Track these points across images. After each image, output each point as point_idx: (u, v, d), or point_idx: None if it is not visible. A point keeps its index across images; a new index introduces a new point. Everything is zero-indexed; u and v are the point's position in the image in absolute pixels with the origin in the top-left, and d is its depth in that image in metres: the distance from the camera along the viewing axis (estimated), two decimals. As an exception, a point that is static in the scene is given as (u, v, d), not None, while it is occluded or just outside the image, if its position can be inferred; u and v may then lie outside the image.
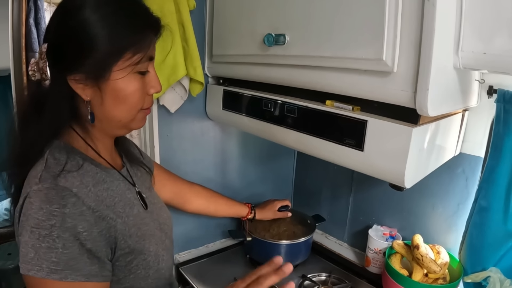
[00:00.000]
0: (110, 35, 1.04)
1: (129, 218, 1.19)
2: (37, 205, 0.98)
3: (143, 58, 1.11)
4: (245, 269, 2.22)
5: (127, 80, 1.10)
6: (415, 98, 1.15)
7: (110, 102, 1.11)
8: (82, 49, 1.04)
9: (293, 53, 1.50)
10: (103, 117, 1.14)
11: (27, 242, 0.97)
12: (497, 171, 1.59)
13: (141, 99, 1.16)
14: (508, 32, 1.11)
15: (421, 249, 1.77)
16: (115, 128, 1.21)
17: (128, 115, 1.16)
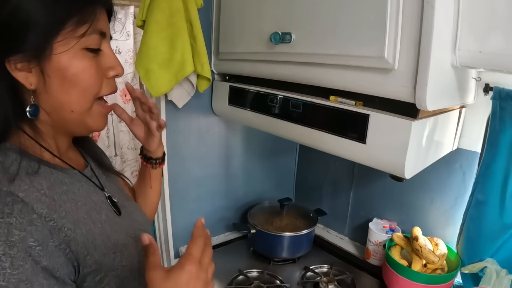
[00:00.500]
0: (45, 4, 0.88)
1: (96, 225, 1.00)
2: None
3: (88, 30, 0.94)
4: (249, 261, 2.26)
5: (73, 56, 0.93)
6: (414, 94, 1.21)
7: (57, 85, 0.94)
8: (21, 27, 0.87)
9: (298, 51, 1.55)
10: (51, 108, 0.97)
11: None
12: (493, 166, 1.64)
13: (95, 82, 1.00)
14: (502, 32, 1.16)
15: (420, 240, 1.82)
16: (70, 124, 1.02)
17: (81, 102, 0.99)
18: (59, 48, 0.91)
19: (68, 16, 0.91)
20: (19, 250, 0.79)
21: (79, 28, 0.93)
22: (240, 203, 2.64)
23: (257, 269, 2.15)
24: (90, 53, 0.97)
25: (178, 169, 2.23)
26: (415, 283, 1.76)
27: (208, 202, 2.41)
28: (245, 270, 2.12)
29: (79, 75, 0.95)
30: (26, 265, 0.79)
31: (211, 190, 2.44)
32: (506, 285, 1.59)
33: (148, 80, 1.81)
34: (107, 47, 1.03)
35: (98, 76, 1.00)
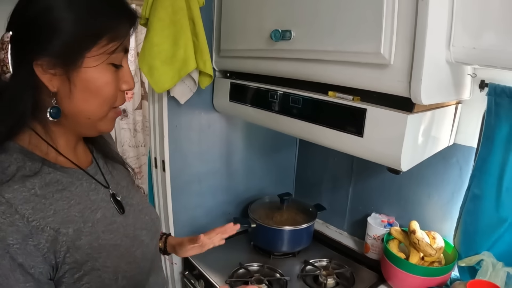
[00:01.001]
0: (85, 17, 0.94)
1: (86, 225, 1.02)
2: None
3: (118, 47, 1.01)
4: (249, 255, 2.30)
5: (100, 71, 0.99)
6: (410, 88, 1.25)
7: (80, 94, 0.98)
8: (53, 31, 0.91)
9: (298, 48, 1.58)
10: (70, 112, 1.01)
11: None
12: (489, 161, 1.68)
13: (114, 95, 1.05)
14: (495, 29, 1.20)
15: (418, 234, 1.85)
16: (82, 127, 1.07)
17: (99, 111, 1.04)
18: (90, 61, 0.96)
19: (103, 30, 0.96)
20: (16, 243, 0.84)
21: (110, 44, 0.98)
22: (241, 198, 2.67)
23: (257, 263, 2.19)
24: (113, 68, 1.03)
25: (180, 164, 2.25)
26: (412, 275, 1.79)
27: (209, 197, 2.44)
28: (246, 264, 2.15)
29: (102, 88, 1.01)
30: (3, 261, 0.83)
31: (212, 185, 2.47)
32: (502, 277, 1.63)
33: (151, 76, 1.84)
34: (126, 62, 1.08)
35: (116, 89, 1.05)
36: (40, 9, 0.90)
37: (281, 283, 2.02)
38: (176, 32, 1.84)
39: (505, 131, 1.62)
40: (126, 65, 1.08)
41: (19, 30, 0.93)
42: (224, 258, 2.22)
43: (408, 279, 1.82)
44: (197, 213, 2.41)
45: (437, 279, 1.79)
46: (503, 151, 1.64)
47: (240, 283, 2.00)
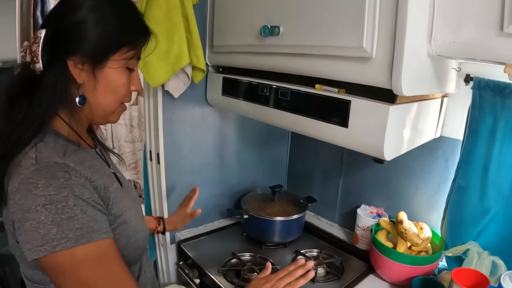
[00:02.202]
0: (110, 31, 1.13)
1: (113, 188, 1.21)
2: (43, 183, 1.00)
3: (135, 55, 1.22)
4: (242, 245, 2.33)
5: (119, 72, 1.19)
6: (391, 80, 1.30)
7: (102, 89, 1.18)
8: (86, 38, 1.10)
9: (286, 43, 1.63)
10: (91, 103, 1.19)
11: (43, 221, 0.98)
12: (474, 153, 1.72)
13: (125, 93, 1.25)
14: (474, 23, 1.23)
15: (405, 224, 1.88)
16: (97, 117, 1.25)
17: (113, 105, 1.24)
18: (112, 63, 1.17)
19: (126, 41, 1.18)
20: (82, 200, 1.05)
21: (129, 52, 1.19)
22: (233, 191, 2.70)
23: (249, 253, 2.22)
24: (128, 71, 1.24)
25: (174, 157, 2.29)
26: (400, 264, 1.82)
27: (202, 189, 2.42)
28: (238, 254, 2.19)
29: (119, 87, 1.22)
30: (89, 210, 1.06)
31: (205, 177, 2.50)
32: (487, 266, 1.66)
33: (147, 71, 1.89)
34: (137, 68, 1.30)
35: (128, 88, 1.26)
36: (75, 21, 1.10)
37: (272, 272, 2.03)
38: (170, 29, 1.89)
39: (489, 124, 1.65)
40: (137, 70, 1.29)
41: (56, 32, 1.11)
42: (217, 248, 2.27)
43: (395, 267, 1.85)
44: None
45: (424, 268, 1.82)
46: (487, 144, 1.67)
47: (232, 272, 2.03)
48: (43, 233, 0.99)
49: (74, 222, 1.01)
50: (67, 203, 1.01)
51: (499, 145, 1.64)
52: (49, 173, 1.02)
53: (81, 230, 1.02)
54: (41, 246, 0.99)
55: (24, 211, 1.00)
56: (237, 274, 2.03)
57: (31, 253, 1.00)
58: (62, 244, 0.99)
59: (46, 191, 1.00)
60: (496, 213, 1.72)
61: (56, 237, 0.99)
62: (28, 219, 0.99)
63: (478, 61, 1.34)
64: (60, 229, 0.99)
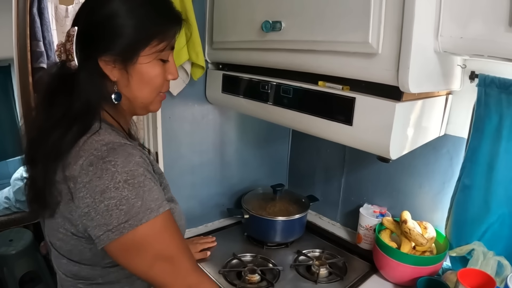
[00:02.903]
0: (140, 24, 1.15)
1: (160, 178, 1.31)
2: (122, 160, 1.05)
3: (166, 47, 1.23)
4: (243, 246, 2.30)
5: (152, 65, 1.20)
6: (397, 76, 1.27)
7: (136, 84, 1.20)
8: (115, 35, 1.13)
9: (288, 38, 1.60)
10: (128, 97, 1.23)
11: (126, 196, 1.02)
12: (479, 151, 1.69)
13: (161, 84, 1.27)
14: (482, 18, 1.21)
15: (409, 223, 1.86)
16: (137, 108, 1.29)
17: (149, 97, 1.26)
18: (143, 59, 1.18)
19: (155, 34, 1.18)
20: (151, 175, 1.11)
21: (160, 45, 1.20)
22: (234, 190, 2.67)
23: (250, 253, 2.19)
24: (162, 62, 1.25)
25: (173, 156, 2.26)
26: (404, 264, 1.80)
27: (203, 189, 2.45)
28: (239, 254, 2.16)
29: (153, 79, 1.23)
30: (157, 183, 1.14)
31: (206, 176, 2.47)
32: (493, 266, 1.63)
33: (144, 68, 1.85)
34: (171, 58, 1.30)
35: (163, 79, 1.27)
36: (105, 15, 1.13)
37: (274, 273, 2.02)
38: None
39: (494, 122, 1.62)
40: (171, 59, 1.30)
41: (86, 29, 1.15)
42: (217, 248, 2.23)
43: (399, 268, 1.82)
44: (190, 205, 2.42)
45: (429, 268, 1.79)
46: (493, 142, 1.64)
47: (233, 273, 2.00)
48: (126, 209, 1.02)
49: (153, 194, 1.08)
50: (146, 177, 1.08)
51: (505, 143, 1.61)
52: (125, 151, 1.08)
53: (158, 200, 1.08)
54: (125, 222, 1.02)
55: (99, 193, 1.02)
56: (238, 275, 2.00)
57: (110, 234, 1.02)
58: (147, 215, 1.04)
59: (126, 168, 1.04)
60: (502, 212, 1.69)
61: (141, 209, 1.04)
62: (105, 199, 1.02)
63: (486, 57, 1.32)
64: (144, 202, 1.05)
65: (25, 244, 3.40)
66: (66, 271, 1.22)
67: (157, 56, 1.21)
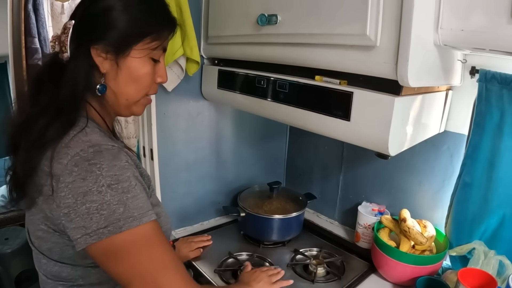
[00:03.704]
0: (135, 19, 1.16)
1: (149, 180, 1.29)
2: (107, 163, 1.02)
3: (159, 46, 1.22)
4: (239, 244, 2.28)
5: (142, 62, 1.20)
6: (396, 70, 1.24)
7: (124, 78, 1.19)
8: (110, 26, 1.13)
9: (284, 32, 1.57)
10: (114, 92, 1.21)
11: (108, 201, 0.99)
12: (480, 148, 1.67)
13: (149, 84, 1.25)
14: (483, 10, 1.18)
15: (408, 222, 1.83)
16: (121, 107, 1.26)
17: (135, 95, 1.24)
18: (135, 53, 1.18)
19: (150, 31, 1.19)
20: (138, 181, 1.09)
21: (153, 42, 1.20)
22: (230, 187, 2.65)
23: (247, 252, 2.17)
24: (153, 62, 1.24)
25: (168, 152, 2.24)
26: (403, 263, 1.77)
27: (198, 186, 2.43)
28: (235, 253, 2.13)
29: (141, 77, 1.22)
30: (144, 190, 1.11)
31: (201, 174, 2.45)
32: (494, 266, 1.61)
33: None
34: (162, 59, 1.29)
35: (152, 80, 1.26)
36: (101, 8, 1.14)
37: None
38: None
39: (496, 118, 1.60)
40: (162, 61, 1.29)
41: (82, 21, 1.16)
42: (213, 247, 2.21)
43: (398, 267, 1.80)
44: (186, 202, 2.40)
45: (428, 268, 1.77)
46: (494, 138, 1.62)
47: (229, 272, 1.98)
48: (106, 214, 0.99)
49: (137, 201, 1.04)
50: (131, 183, 1.05)
51: (506, 139, 1.59)
52: (112, 155, 1.05)
53: (143, 209, 1.05)
54: (103, 228, 0.99)
55: (81, 194, 0.99)
56: (233, 274, 1.98)
57: (88, 238, 0.99)
58: (129, 223, 1.01)
59: (111, 172, 1.02)
60: (503, 211, 1.67)
61: (123, 216, 1.00)
62: (86, 202, 0.99)
63: (487, 51, 1.30)
64: (126, 208, 1.01)
65: (21, 243, 3.37)
66: (46, 272, 1.20)
67: (149, 54, 1.21)
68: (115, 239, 1.00)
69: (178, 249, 2.12)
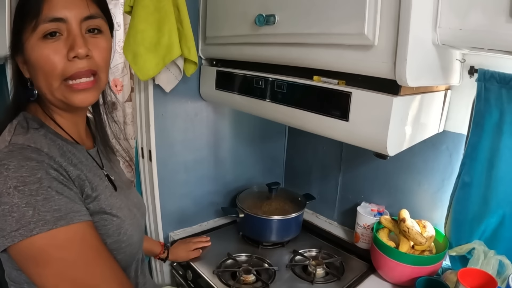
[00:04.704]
0: (15, 12, 1.08)
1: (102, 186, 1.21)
2: (15, 164, 0.97)
3: (37, 20, 1.05)
4: (238, 245, 2.28)
5: (34, 47, 1.07)
6: (394, 69, 1.23)
7: (32, 73, 1.12)
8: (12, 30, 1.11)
9: (282, 32, 1.57)
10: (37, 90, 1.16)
11: (16, 204, 0.94)
12: (479, 147, 1.66)
13: (57, 65, 1.08)
14: (482, 8, 1.18)
15: (407, 222, 1.83)
16: (56, 103, 1.17)
17: (47, 86, 1.11)
18: (28, 44, 1.08)
19: (22, 15, 1.07)
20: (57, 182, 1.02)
21: (32, 22, 1.06)
22: (229, 188, 2.65)
23: (245, 253, 2.17)
24: (49, 39, 1.08)
25: (167, 153, 2.24)
26: (402, 264, 1.77)
27: (197, 187, 2.43)
28: (234, 254, 2.13)
29: (38, 61, 1.08)
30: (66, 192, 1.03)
31: (200, 174, 2.45)
32: (494, 266, 1.61)
33: (135, 64, 1.83)
34: (71, 31, 1.10)
35: (57, 58, 1.08)
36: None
37: (269, 273, 2.00)
38: (160, 19, 1.83)
39: (495, 117, 1.60)
40: (72, 32, 1.09)
41: None
42: (212, 248, 2.21)
43: (398, 268, 1.80)
44: (184, 203, 2.40)
45: (428, 268, 1.77)
46: (493, 137, 1.62)
47: (228, 273, 1.98)
48: (17, 217, 0.94)
49: (50, 204, 0.97)
50: (41, 185, 0.97)
51: (506, 139, 1.59)
52: (22, 155, 0.99)
53: (59, 211, 0.98)
54: (15, 231, 0.94)
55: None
56: (232, 275, 1.97)
57: (4, 240, 0.94)
58: (40, 227, 0.94)
59: (17, 173, 0.96)
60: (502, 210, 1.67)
61: (33, 219, 0.94)
62: (1, 204, 0.94)
63: (486, 50, 1.31)
64: (36, 211, 0.95)
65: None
66: (4, 271, 1.16)
67: (37, 36, 1.06)
68: (31, 243, 0.95)
69: (176, 250, 2.13)
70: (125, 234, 1.23)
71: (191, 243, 2.17)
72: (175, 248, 2.15)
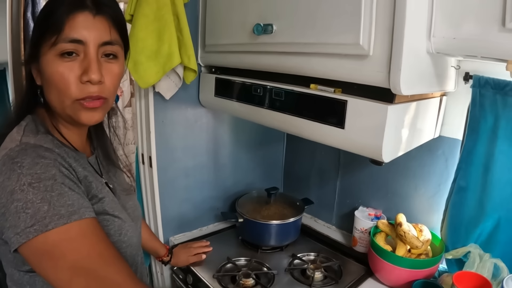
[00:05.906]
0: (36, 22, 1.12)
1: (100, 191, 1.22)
2: (29, 161, 0.99)
3: (58, 37, 1.06)
4: (237, 250, 2.29)
5: (50, 62, 1.08)
6: (389, 78, 1.26)
7: (45, 85, 1.13)
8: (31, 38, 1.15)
9: (280, 41, 1.59)
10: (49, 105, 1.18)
11: (31, 200, 0.95)
12: (474, 152, 1.68)
13: (70, 85, 1.09)
14: (475, 18, 1.20)
15: (404, 226, 1.84)
16: (64, 117, 1.19)
17: (59, 102, 1.13)
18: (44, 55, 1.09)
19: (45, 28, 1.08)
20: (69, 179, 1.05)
21: (53, 37, 1.06)
22: (228, 193, 2.66)
23: (245, 257, 2.18)
24: (66, 58, 1.09)
25: (167, 159, 2.25)
26: (399, 267, 1.79)
27: (197, 192, 2.44)
28: (234, 258, 2.14)
29: (54, 78, 1.09)
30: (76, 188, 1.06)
31: (199, 180, 2.46)
32: (489, 269, 1.63)
33: (136, 72, 1.85)
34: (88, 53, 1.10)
35: (72, 79, 1.10)
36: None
37: (268, 277, 2.01)
38: (160, 28, 1.85)
39: (490, 123, 1.62)
40: (89, 55, 1.10)
41: None
42: (212, 253, 2.22)
43: (395, 271, 1.81)
44: (184, 208, 2.41)
45: (424, 271, 1.78)
46: (488, 143, 1.64)
47: (227, 277, 1.99)
48: (32, 213, 0.95)
49: (65, 199, 0.99)
50: (56, 181, 1.00)
51: (501, 144, 1.61)
52: (36, 153, 1.02)
53: (73, 206, 1.00)
54: (30, 227, 0.94)
55: (9, 193, 0.96)
56: (232, 279, 1.99)
57: (19, 237, 0.95)
58: (55, 221, 0.96)
59: (32, 170, 0.98)
60: (497, 214, 1.69)
61: (48, 214, 0.95)
62: (14, 201, 0.95)
63: (479, 58, 1.33)
64: (52, 206, 0.96)
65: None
66: (6, 273, 1.17)
67: (55, 52, 1.08)
68: (45, 239, 0.95)
69: (177, 255, 2.14)
70: (126, 235, 1.26)
71: (191, 248, 2.18)
72: (176, 252, 2.16)
